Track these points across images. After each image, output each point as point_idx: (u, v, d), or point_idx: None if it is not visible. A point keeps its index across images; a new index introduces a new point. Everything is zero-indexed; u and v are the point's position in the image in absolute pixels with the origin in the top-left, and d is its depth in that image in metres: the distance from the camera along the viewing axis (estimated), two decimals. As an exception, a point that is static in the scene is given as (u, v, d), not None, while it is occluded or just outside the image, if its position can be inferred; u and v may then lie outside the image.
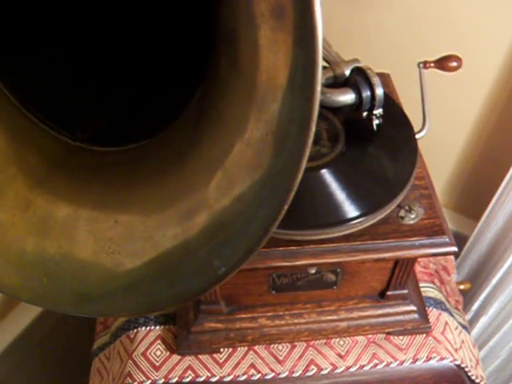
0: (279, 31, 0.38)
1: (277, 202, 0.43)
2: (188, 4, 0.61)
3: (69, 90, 0.67)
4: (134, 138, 0.59)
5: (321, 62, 0.36)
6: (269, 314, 0.91)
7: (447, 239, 0.79)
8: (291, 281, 0.86)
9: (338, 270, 0.85)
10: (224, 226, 0.48)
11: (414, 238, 0.78)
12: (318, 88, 0.37)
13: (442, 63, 0.96)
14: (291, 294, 0.89)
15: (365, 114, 0.81)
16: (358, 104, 0.80)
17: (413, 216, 0.80)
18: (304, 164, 0.40)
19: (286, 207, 0.42)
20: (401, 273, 0.87)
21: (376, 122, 0.81)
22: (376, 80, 0.78)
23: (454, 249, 0.79)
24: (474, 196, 1.41)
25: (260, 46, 0.40)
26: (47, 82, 0.65)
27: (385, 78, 1.03)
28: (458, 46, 1.04)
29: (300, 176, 0.41)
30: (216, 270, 0.49)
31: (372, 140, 0.84)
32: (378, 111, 0.81)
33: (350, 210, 0.77)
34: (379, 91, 0.78)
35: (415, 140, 0.85)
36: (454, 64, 0.96)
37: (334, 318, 0.92)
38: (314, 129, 0.38)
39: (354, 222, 0.76)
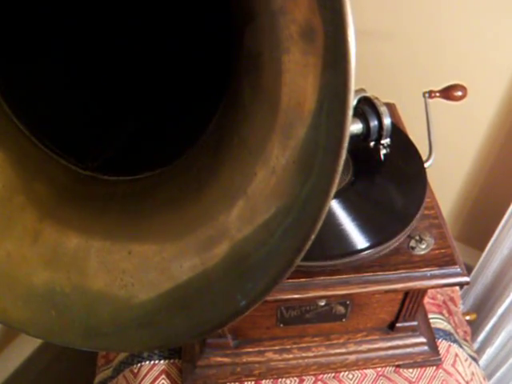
0: (310, 54, 0.37)
1: (303, 232, 0.42)
2: (209, 26, 0.60)
3: (79, 118, 0.65)
4: (146, 167, 0.57)
5: (353, 85, 0.35)
6: (276, 348, 0.89)
7: (459, 269, 0.78)
8: (300, 313, 0.84)
9: (348, 302, 0.83)
10: (246, 256, 0.46)
11: (425, 269, 0.77)
12: (350, 112, 0.35)
13: (448, 93, 0.96)
14: (299, 327, 0.87)
15: (372, 143, 0.80)
16: (366, 134, 0.79)
17: (423, 246, 0.79)
18: (333, 192, 0.39)
19: (312, 237, 0.41)
20: (411, 304, 0.86)
21: (383, 151, 0.81)
22: (384, 110, 0.78)
23: (467, 279, 0.78)
24: (477, 225, 1.40)
25: (288, 71, 0.39)
26: (57, 110, 0.64)
27: (390, 108, 1.03)
28: (460, 75, 1.04)
29: (328, 204, 0.39)
30: (236, 302, 0.47)
31: (380, 170, 0.83)
32: (386, 141, 0.80)
33: (360, 240, 0.76)
34: (387, 121, 0.77)
35: (424, 169, 0.85)
36: (460, 93, 0.96)
37: (343, 350, 0.90)
38: (344, 155, 0.37)
39: (365, 253, 0.75)
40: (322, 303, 0.81)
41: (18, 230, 0.57)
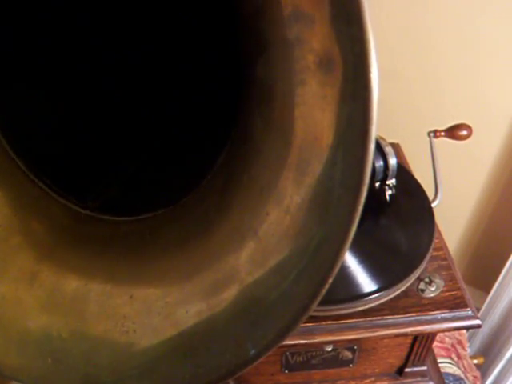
0: (328, 85, 0.35)
1: (319, 275, 0.39)
2: (216, 57, 0.58)
3: (80, 157, 0.63)
4: (149, 207, 0.55)
5: (376, 117, 0.33)
6: (281, 395, 0.85)
7: (470, 312, 0.76)
8: (305, 359, 0.81)
9: (355, 347, 0.80)
10: (257, 301, 0.43)
11: (435, 312, 0.75)
12: (372, 146, 0.33)
13: (453, 132, 0.95)
14: (305, 373, 0.84)
15: (377, 184, 0.79)
16: (371, 174, 0.78)
17: (433, 288, 0.77)
18: (353, 232, 0.36)
19: (329, 281, 0.38)
20: (420, 348, 0.83)
21: (389, 192, 0.79)
22: (389, 150, 0.77)
23: (479, 322, 0.76)
24: (482, 266, 1.38)
25: (303, 103, 0.37)
26: (57, 147, 0.62)
27: (395, 148, 1.01)
28: (463, 114, 1.04)
29: (348, 245, 0.37)
30: (246, 351, 0.44)
31: (386, 211, 0.82)
32: (391, 181, 0.79)
33: (368, 283, 0.74)
34: (393, 161, 0.76)
35: (432, 210, 0.83)
36: (465, 133, 0.95)
37: (350, 397, 0.86)
38: (365, 193, 0.35)
39: (373, 296, 0.73)
40: (329, 348, 0.79)
41: (14, 271, 0.55)
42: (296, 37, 0.36)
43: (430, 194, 0.88)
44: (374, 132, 0.33)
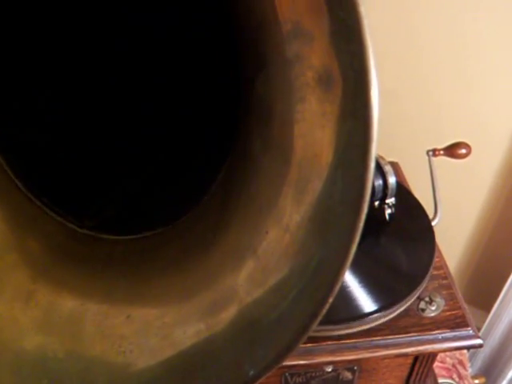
0: (327, 102, 0.34)
1: (319, 295, 0.38)
2: (215, 73, 0.58)
3: (77, 175, 0.63)
4: (147, 226, 0.54)
5: (376, 134, 0.33)
6: (279, 417, 0.84)
7: (471, 331, 0.75)
8: (305, 380, 0.80)
9: (355, 368, 0.79)
10: (256, 321, 0.43)
11: (436, 331, 0.74)
12: (372, 164, 0.33)
13: (452, 151, 0.95)
14: (304, 394, 0.83)
15: (377, 203, 0.78)
16: (371, 193, 0.77)
17: (434, 308, 0.76)
18: (353, 251, 0.36)
19: (330, 300, 0.38)
20: (421, 368, 0.82)
21: (389, 211, 0.79)
22: (388, 168, 0.77)
23: (480, 341, 0.75)
24: (482, 285, 1.38)
25: (303, 120, 0.36)
26: (54, 166, 0.62)
27: (394, 167, 1.01)
28: (461, 133, 1.04)
29: (348, 264, 0.36)
30: (245, 372, 0.43)
31: (386, 230, 0.82)
32: (391, 200, 0.79)
33: (369, 303, 0.73)
34: (392, 180, 0.76)
35: (432, 229, 0.83)
36: (464, 151, 0.95)
37: (350, 419, 0.85)
38: (366, 210, 0.34)
39: (373, 316, 0.72)
40: (329, 369, 0.77)
41: (9, 290, 0.54)
42: (295, 53, 0.36)
43: (430, 213, 0.87)
44: (375, 150, 0.33)
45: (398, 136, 1.23)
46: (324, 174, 0.37)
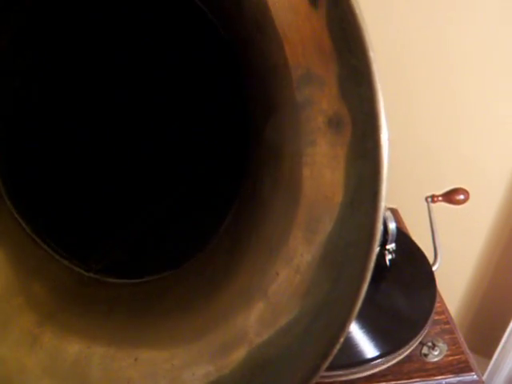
0: (338, 145, 0.35)
1: (330, 335, 0.38)
2: (224, 119, 0.59)
3: (84, 219, 0.63)
4: (154, 269, 0.55)
5: (386, 175, 0.34)
6: None
7: (475, 376, 0.75)
8: (308, 426, 0.78)
9: (357, 415, 0.78)
10: (266, 363, 0.43)
11: (440, 377, 0.73)
12: (383, 204, 0.34)
13: (450, 197, 0.96)
14: None
15: (377, 249, 0.79)
16: (379, 235, 0.78)
17: (436, 353, 0.76)
18: (364, 290, 0.36)
19: (341, 340, 0.38)
20: (425, 415, 0.81)
21: (389, 256, 0.80)
22: (388, 214, 0.78)
23: (484, 387, 0.74)
24: (483, 331, 1.36)
25: (314, 163, 0.37)
26: (61, 210, 0.62)
27: (393, 213, 1.02)
28: (459, 179, 1.05)
29: (359, 304, 0.37)
30: (254, 414, 0.43)
31: (386, 275, 0.82)
32: (391, 246, 0.79)
33: (371, 349, 0.73)
34: (392, 225, 0.77)
35: (433, 274, 0.83)
36: (462, 197, 0.96)
37: None
38: (376, 250, 0.35)
39: (376, 362, 0.71)
40: (330, 416, 0.76)
41: (15, 333, 0.54)
42: (306, 98, 0.37)
43: (429, 258, 0.88)
44: (385, 191, 0.34)
45: (396, 182, 1.24)
46: (335, 214, 0.37)
